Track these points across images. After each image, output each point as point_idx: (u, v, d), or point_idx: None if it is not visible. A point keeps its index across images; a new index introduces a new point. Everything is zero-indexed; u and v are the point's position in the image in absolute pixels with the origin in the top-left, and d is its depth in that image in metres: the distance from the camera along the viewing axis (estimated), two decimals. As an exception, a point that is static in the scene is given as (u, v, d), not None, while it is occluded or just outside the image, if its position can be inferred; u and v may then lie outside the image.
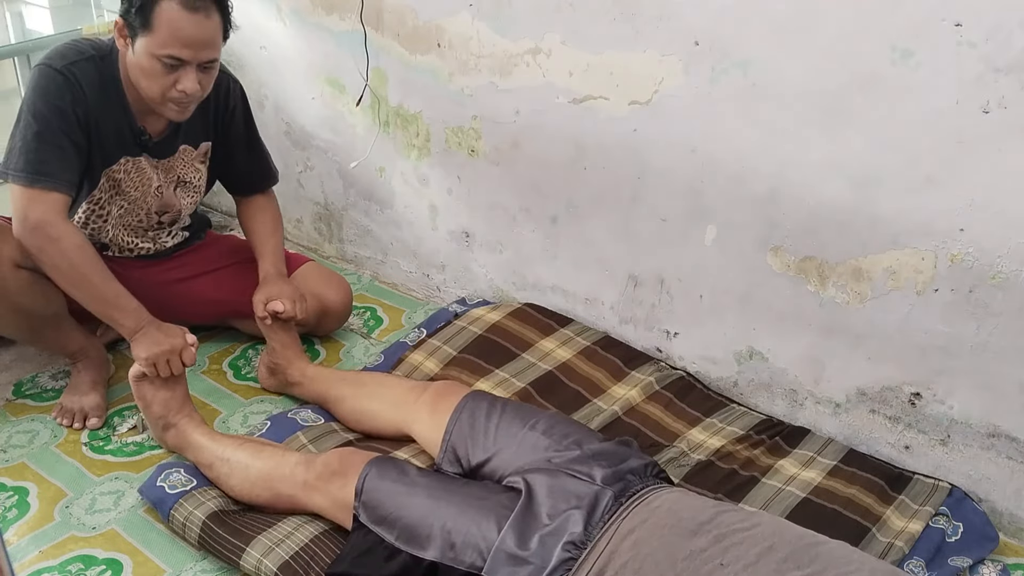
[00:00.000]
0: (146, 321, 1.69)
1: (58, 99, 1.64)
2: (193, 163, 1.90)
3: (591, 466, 1.38)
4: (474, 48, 1.99)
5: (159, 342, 1.67)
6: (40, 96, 1.64)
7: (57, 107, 1.64)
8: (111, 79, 1.71)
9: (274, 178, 2.09)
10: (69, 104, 1.65)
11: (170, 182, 1.88)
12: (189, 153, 1.89)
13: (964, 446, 1.69)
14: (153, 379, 1.69)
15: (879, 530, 1.58)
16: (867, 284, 1.68)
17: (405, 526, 1.38)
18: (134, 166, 1.81)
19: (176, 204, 1.92)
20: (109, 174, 1.78)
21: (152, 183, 1.85)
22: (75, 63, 1.66)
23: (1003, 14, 1.39)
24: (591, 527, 1.29)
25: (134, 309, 1.69)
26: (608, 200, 1.95)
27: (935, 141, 1.52)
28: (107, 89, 1.70)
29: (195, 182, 1.93)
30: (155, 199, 1.88)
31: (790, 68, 1.61)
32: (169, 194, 1.89)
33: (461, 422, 1.56)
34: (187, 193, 1.93)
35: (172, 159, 1.86)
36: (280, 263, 1.98)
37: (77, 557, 1.52)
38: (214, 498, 1.56)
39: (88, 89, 1.67)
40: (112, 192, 1.81)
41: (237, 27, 1.72)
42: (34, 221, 1.62)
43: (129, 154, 1.79)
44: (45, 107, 1.64)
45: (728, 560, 1.18)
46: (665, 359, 2.02)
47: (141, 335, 1.67)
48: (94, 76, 1.68)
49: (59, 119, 1.65)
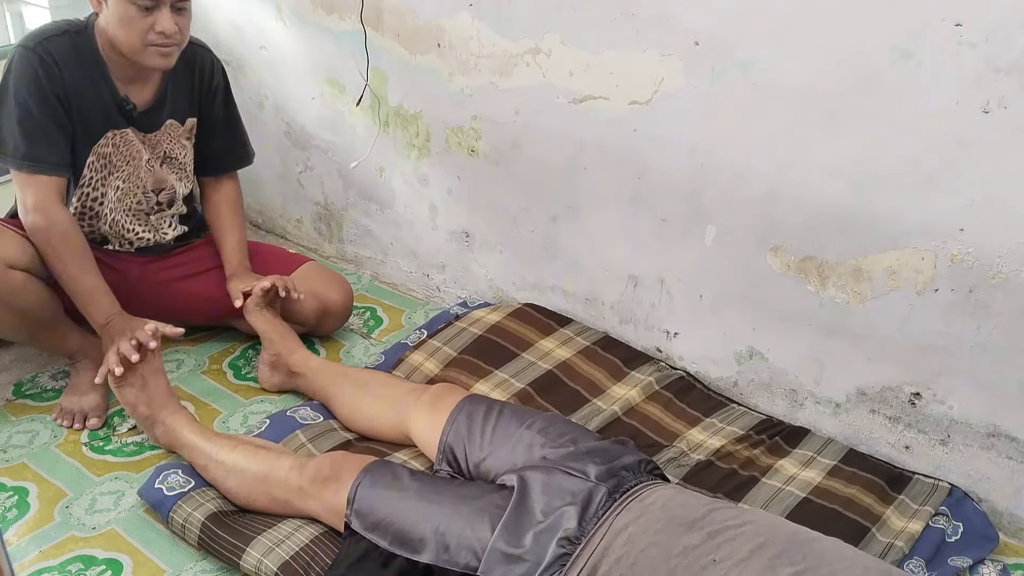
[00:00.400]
0: (116, 315, 1.73)
1: (33, 81, 1.67)
2: (179, 139, 1.92)
3: (585, 463, 1.38)
4: (474, 48, 1.99)
5: (122, 331, 1.70)
6: (17, 79, 1.68)
7: (34, 89, 1.67)
8: (89, 51, 1.72)
9: (248, 159, 2.11)
10: (46, 83, 1.68)
11: (157, 157, 1.90)
12: (175, 128, 1.90)
13: (964, 446, 1.69)
14: (132, 381, 1.69)
15: (879, 530, 1.58)
16: (867, 284, 1.68)
17: (398, 531, 1.38)
18: (122, 139, 1.82)
19: (169, 180, 1.93)
20: (97, 151, 1.79)
21: (142, 156, 1.87)
22: (48, 39, 1.69)
23: (1003, 14, 1.39)
24: (585, 523, 1.29)
25: (107, 304, 1.73)
26: (608, 200, 1.95)
27: (935, 141, 1.52)
28: (85, 62, 1.72)
29: (181, 158, 1.94)
30: (148, 173, 1.89)
31: (790, 68, 1.61)
32: (159, 169, 1.91)
33: (458, 423, 1.56)
34: (173, 170, 1.94)
35: (158, 134, 1.88)
36: (244, 257, 2.01)
37: (77, 557, 1.52)
38: (213, 499, 1.56)
39: (63, 64, 1.69)
40: (104, 172, 1.82)
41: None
42: (30, 205, 1.69)
43: (115, 127, 1.80)
44: (23, 90, 1.67)
45: (721, 556, 1.18)
46: (665, 359, 2.02)
47: (108, 328, 1.72)
48: (69, 50, 1.70)
49: (37, 101, 1.68)
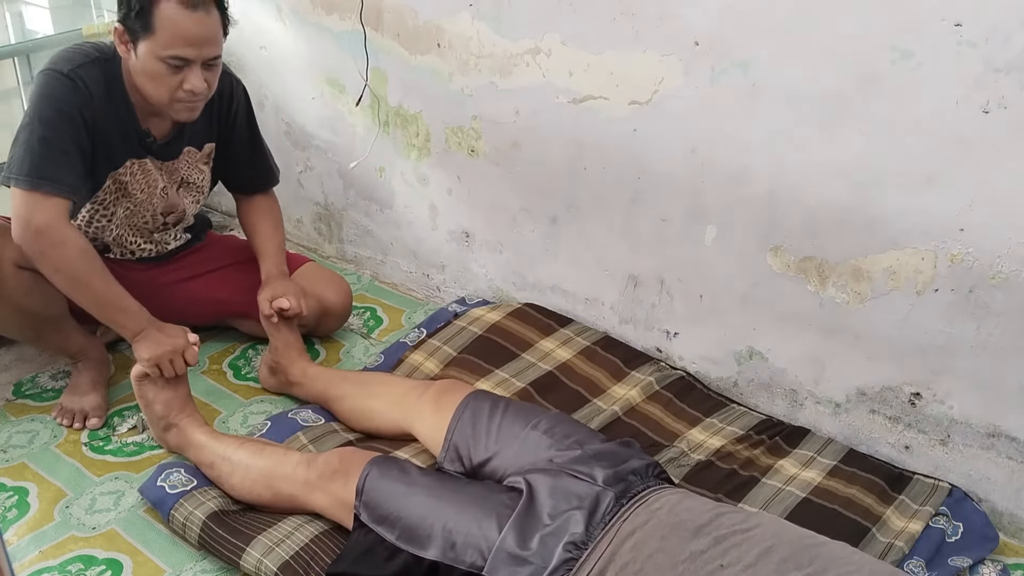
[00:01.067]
0: (147, 322, 1.70)
1: (65, 104, 1.63)
2: (197, 164, 1.91)
3: (592, 467, 1.38)
4: (474, 48, 1.99)
5: (161, 342, 1.67)
6: (47, 101, 1.63)
7: (65, 112, 1.63)
8: (115, 82, 1.70)
9: (275, 178, 2.08)
10: (76, 109, 1.64)
11: (174, 183, 1.88)
12: (193, 155, 1.89)
13: (964, 446, 1.69)
14: (156, 380, 1.69)
15: (879, 530, 1.58)
16: (867, 284, 1.68)
17: (406, 526, 1.38)
18: (140, 168, 1.80)
19: (181, 204, 1.92)
20: (115, 177, 1.78)
21: (158, 185, 1.85)
22: (81, 66, 1.65)
23: (1003, 14, 1.39)
24: (592, 528, 1.29)
25: (136, 311, 1.69)
26: (608, 200, 1.95)
27: (935, 141, 1.52)
28: (112, 92, 1.70)
29: (199, 183, 1.93)
30: (160, 200, 1.88)
31: (790, 68, 1.61)
32: (174, 195, 1.89)
33: (463, 421, 1.56)
34: (190, 193, 1.93)
35: (176, 161, 1.86)
36: (282, 263, 1.99)
37: (77, 557, 1.52)
38: (214, 498, 1.56)
39: (95, 92, 1.66)
40: (118, 194, 1.81)
41: (235, 22, 1.73)
42: (37, 226, 1.60)
43: (134, 156, 1.78)
44: (52, 112, 1.63)
45: (728, 561, 1.18)
46: (665, 359, 2.02)
47: (143, 336, 1.68)
48: (99, 79, 1.67)
49: (67, 124, 1.64)
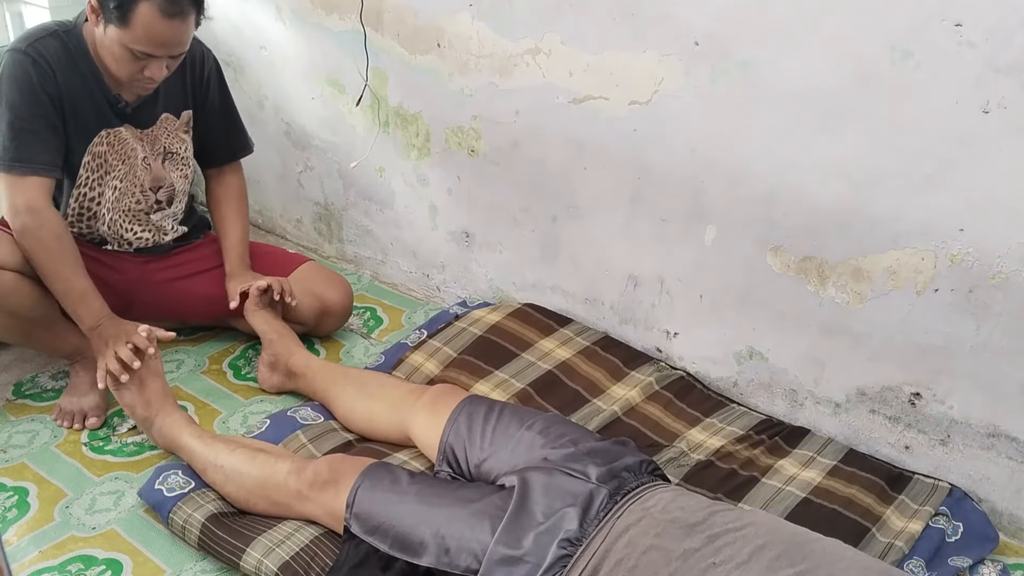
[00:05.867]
0: (104, 317, 1.72)
1: (25, 82, 1.67)
2: (177, 133, 1.92)
3: (586, 464, 1.38)
4: (474, 48, 1.99)
5: (114, 335, 1.69)
6: (9, 83, 1.67)
7: (26, 90, 1.67)
8: (79, 52, 1.72)
9: (250, 147, 2.11)
10: (38, 84, 1.67)
11: (157, 154, 1.90)
12: (171, 122, 1.90)
13: (964, 446, 1.69)
14: (130, 383, 1.69)
15: (879, 530, 1.58)
16: (867, 284, 1.68)
17: (398, 535, 1.38)
18: (116, 137, 1.82)
19: (168, 178, 1.93)
20: (92, 150, 1.79)
21: (138, 154, 1.87)
22: (39, 40, 1.69)
23: (1003, 14, 1.39)
24: (586, 525, 1.29)
25: (97, 308, 1.72)
26: (608, 200, 1.95)
27: (935, 141, 1.52)
28: (76, 62, 1.72)
29: (181, 152, 1.94)
30: (145, 171, 1.89)
31: (790, 68, 1.61)
32: (158, 167, 1.91)
33: (459, 424, 1.56)
34: (176, 167, 1.94)
35: (155, 129, 1.88)
36: (245, 254, 2.02)
37: (77, 557, 1.52)
38: (213, 500, 1.56)
39: (55, 65, 1.69)
40: (100, 171, 1.82)
41: (209, 18, 1.74)
42: (18, 206, 1.67)
43: (108, 125, 1.80)
44: (15, 94, 1.67)
45: (721, 559, 1.19)
46: (665, 359, 2.02)
47: (99, 330, 1.71)
48: (59, 51, 1.70)
49: (29, 103, 1.67)
